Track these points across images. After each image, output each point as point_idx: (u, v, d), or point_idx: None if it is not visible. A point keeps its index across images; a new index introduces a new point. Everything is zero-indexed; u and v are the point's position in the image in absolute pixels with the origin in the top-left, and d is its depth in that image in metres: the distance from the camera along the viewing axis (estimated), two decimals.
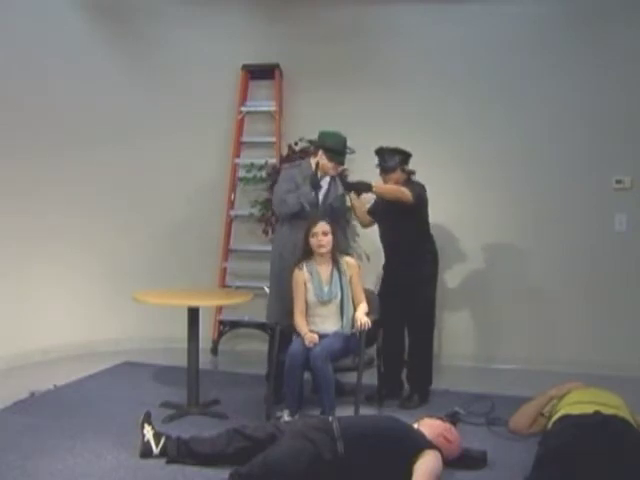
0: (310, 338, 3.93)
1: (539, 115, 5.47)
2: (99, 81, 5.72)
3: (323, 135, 4.46)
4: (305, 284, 4.14)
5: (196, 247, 6.03)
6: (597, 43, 5.33)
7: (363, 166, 5.69)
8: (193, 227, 6.02)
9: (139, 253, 5.92)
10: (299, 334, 4.04)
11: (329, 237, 4.11)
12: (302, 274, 4.16)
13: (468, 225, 5.61)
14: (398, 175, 4.57)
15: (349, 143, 5.62)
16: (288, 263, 4.29)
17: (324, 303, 4.12)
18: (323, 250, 4.11)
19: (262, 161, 5.77)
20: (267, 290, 5.71)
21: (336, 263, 4.16)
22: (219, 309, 5.91)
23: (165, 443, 3.42)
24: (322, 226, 4.11)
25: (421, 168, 5.66)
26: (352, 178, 5.57)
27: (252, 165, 5.76)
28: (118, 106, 5.81)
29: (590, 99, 5.37)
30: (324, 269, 4.17)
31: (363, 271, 4.44)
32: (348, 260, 4.23)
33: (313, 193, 4.30)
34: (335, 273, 4.14)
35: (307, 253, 4.17)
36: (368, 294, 4.29)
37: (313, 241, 4.11)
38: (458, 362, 5.58)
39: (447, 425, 3.44)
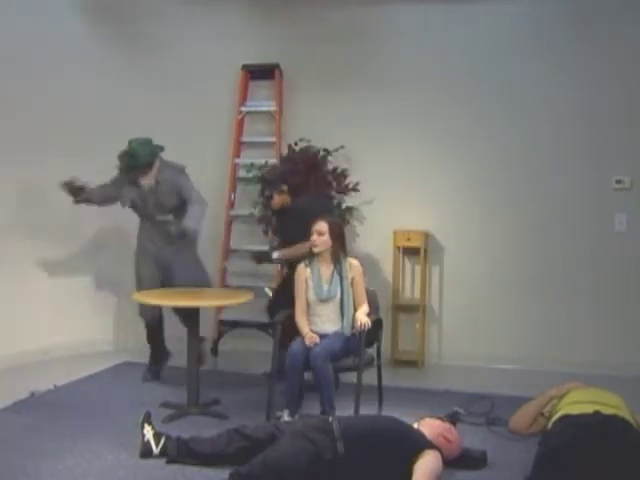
0: (310, 338, 3.94)
1: (539, 115, 5.47)
2: (99, 81, 5.71)
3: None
4: (307, 281, 4.16)
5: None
6: (597, 43, 5.33)
7: (364, 166, 5.72)
8: None
9: None
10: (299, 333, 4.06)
11: (324, 237, 4.10)
12: (304, 271, 4.19)
13: (468, 225, 5.61)
14: (283, 197, 4.78)
15: (349, 143, 5.69)
16: (138, 260, 4.95)
17: (323, 301, 4.12)
18: (316, 249, 4.12)
19: (262, 161, 5.76)
20: (267, 290, 5.74)
21: (338, 263, 4.16)
22: (219, 309, 5.91)
23: (165, 443, 3.42)
24: (319, 225, 4.11)
25: (421, 168, 5.71)
26: (352, 179, 5.62)
27: (252, 165, 5.75)
28: (118, 106, 5.80)
29: (590, 99, 5.37)
30: (325, 268, 4.17)
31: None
32: (352, 262, 4.22)
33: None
34: (336, 273, 4.15)
35: (312, 251, 4.19)
36: (369, 294, 4.29)
37: (311, 239, 4.13)
38: (458, 362, 5.58)
39: (447, 425, 3.43)
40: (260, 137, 5.99)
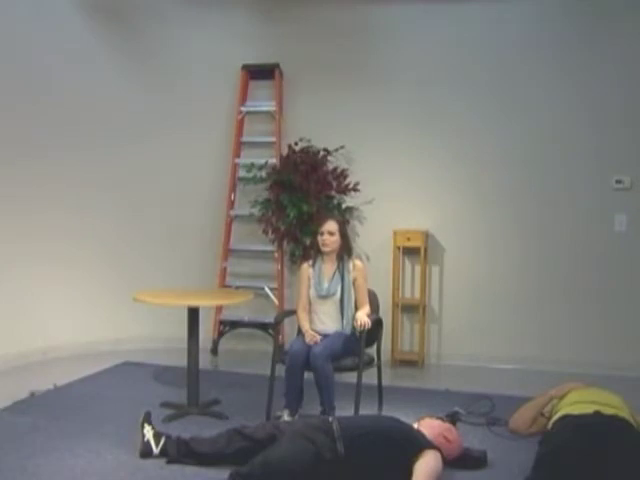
0: (311, 336, 3.95)
1: (539, 115, 5.47)
2: (99, 81, 5.72)
3: None
4: (309, 279, 4.20)
5: (196, 247, 6.03)
6: (597, 43, 5.33)
7: (364, 166, 5.73)
8: (193, 227, 6.02)
9: (139, 253, 5.92)
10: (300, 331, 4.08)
11: (334, 237, 4.14)
12: (308, 269, 4.23)
13: (469, 224, 5.62)
14: None
15: (349, 143, 5.70)
16: None
17: (323, 298, 4.14)
18: (326, 249, 4.15)
19: (262, 161, 5.77)
20: (267, 290, 5.75)
21: (341, 262, 4.17)
22: (219, 309, 5.91)
23: (165, 443, 3.42)
24: (329, 225, 4.16)
25: (421, 168, 5.71)
26: (352, 179, 5.63)
27: (252, 165, 5.75)
28: (118, 106, 5.81)
29: (590, 99, 5.37)
30: (329, 267, 4.20)
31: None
32: (357, 263, 4.24)
33: None
34: (338, 272, 4.16)
35: (317, 250, 4.22)
36: (369, 295, 4.29)
37: (319, 239, 4.17)
38: (458, 362, 5.59)
39: (447, 425, 3.44)
40: (260, 137, 5.99)
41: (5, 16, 5.15)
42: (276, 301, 5.76)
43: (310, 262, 4.26)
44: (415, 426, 3.38)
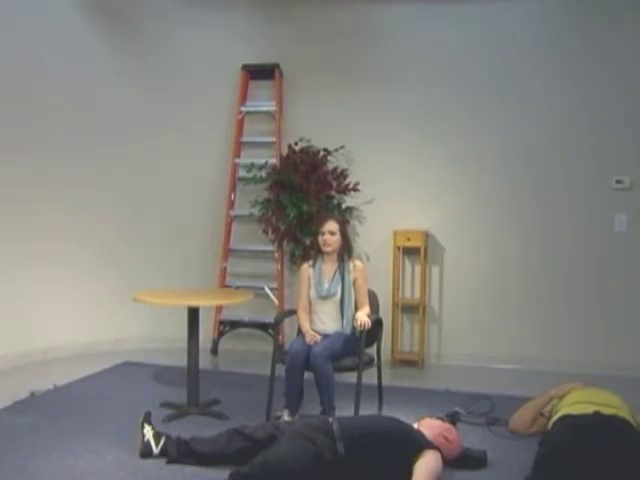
0: (311, 336, 3.95)
1: (539, 115, 5.47)
2: (99, 81, 5.72)
3: None
4: (309, 279, 4.20)
5: (196, 247, 6.03)
6: (598, 43, 5.33)
7: (364, 166, 5.73)
8: (193, 227, 6.02)
9: (139, 253, 5.92)
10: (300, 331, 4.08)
11: (335, 237, 4.15)
12: (308, 269, 4.23)
13: (468, 224, 5.62)
14: None
15: (349, 143, 5.71)
16: None
17: (323, 298, 4.14)
18: (328, 249, 4.15)
19: (262, 161, 5.77)
20: (267, 290, 5.75)
21: (342, 263, 4.18)
22: (219, 309, 5.91)
23: (165, 443, 3.42)
24: (330, 225, 4.16)
25: (421, 168, 5.71)
26: (352, 179, 5.64)
27: (252, 165, 5.76)
28: (118, 106, 5.81)
29: (590, 99, 5.37)
30: (329, 267, 4.20)
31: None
32: (357, 263, 4.24)
33: None
34: (338, 272, 4.16)
35: (317, 250, 4.23)
36: (369, 295, 4.29)
37: (320, 239, 4.17)
38: (458, 362, 5.59)
39: (447, 425, 3.44)
40: (260, 137, 5.99)
41: (5, 16, 5.15)
42: (276, 301, 5.76)
43: (310, 262, 4.26)
44: (415, 426, 3.39)
